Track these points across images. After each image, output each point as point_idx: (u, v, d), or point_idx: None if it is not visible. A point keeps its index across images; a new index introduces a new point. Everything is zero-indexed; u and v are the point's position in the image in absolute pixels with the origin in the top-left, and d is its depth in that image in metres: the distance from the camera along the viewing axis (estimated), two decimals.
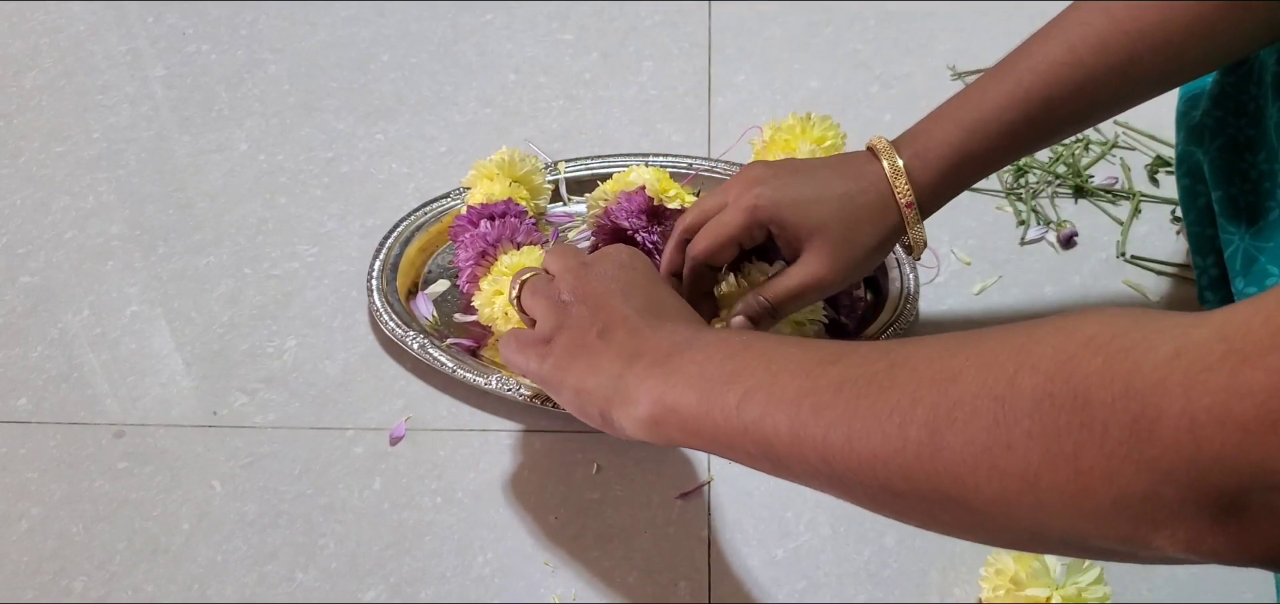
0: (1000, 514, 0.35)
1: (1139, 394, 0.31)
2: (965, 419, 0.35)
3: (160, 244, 0.83)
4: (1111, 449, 0.31)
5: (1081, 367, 0.32)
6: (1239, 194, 0.64)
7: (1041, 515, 0.34)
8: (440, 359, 0.69)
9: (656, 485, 0.66)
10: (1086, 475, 0.32)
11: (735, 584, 0.61)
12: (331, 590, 0.61)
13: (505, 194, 0.75)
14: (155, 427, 0.70)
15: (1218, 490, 0.30)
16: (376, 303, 0.73)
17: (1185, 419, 0.30)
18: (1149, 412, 0.31)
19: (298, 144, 0.92)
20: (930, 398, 0.37)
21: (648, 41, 1.02)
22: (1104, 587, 0.57)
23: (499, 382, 0.68)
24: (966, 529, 0.38)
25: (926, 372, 0.38)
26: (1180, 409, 0.30)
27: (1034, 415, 0.33)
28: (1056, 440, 0.33)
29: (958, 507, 0.36)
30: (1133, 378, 0.31)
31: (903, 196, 0.60)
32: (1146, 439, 0.31)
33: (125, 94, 0.98)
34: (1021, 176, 0.86)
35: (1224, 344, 0.30)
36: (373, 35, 1.04)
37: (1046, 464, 0.33)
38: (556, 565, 0.62)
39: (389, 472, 0.67)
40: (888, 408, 0.38)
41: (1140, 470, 0.31)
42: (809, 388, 0.41)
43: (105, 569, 0.63)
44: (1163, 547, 0.32)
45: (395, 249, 0.77)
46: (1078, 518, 0.33)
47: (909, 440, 0.37)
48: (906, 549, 0.62)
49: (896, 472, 0.37)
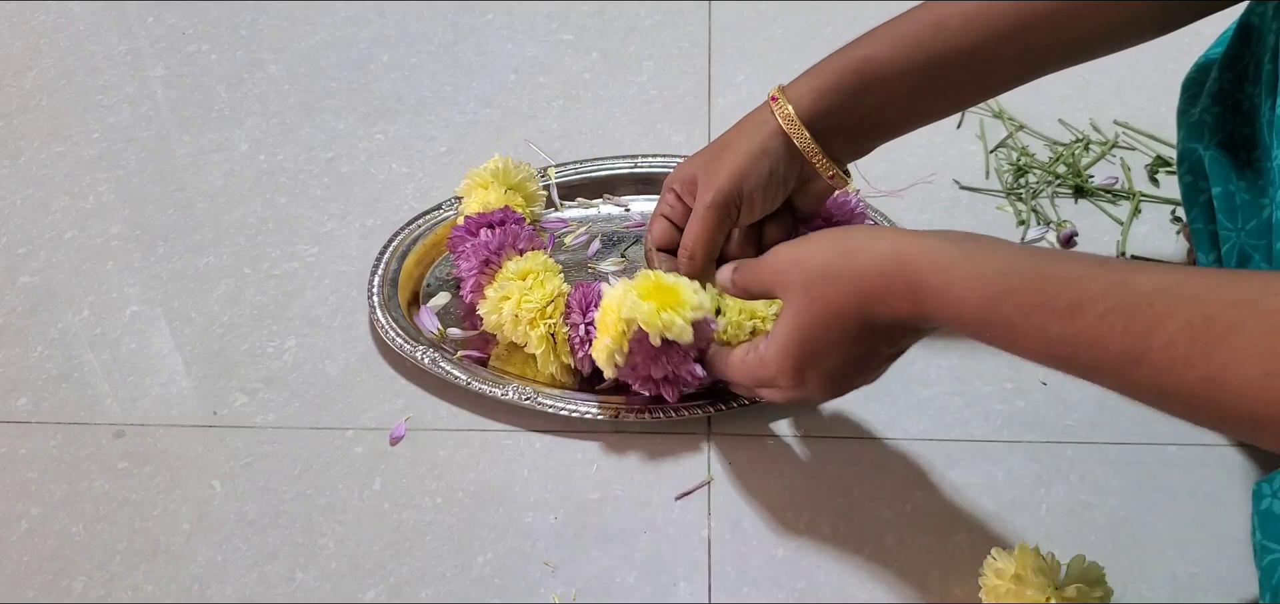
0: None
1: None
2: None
3: (160, 244, 0.83)
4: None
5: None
6: (1236, 191, 0.64)
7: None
8: (453, 372, 0.69)
9: (656, 485, 0.66)
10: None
11: (735, 584, 0.61)
12: (331, 590, 0.61)
13: (501, 202, 0.75)
14: (155, 427, 0.70)
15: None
16: (381, 318, 0.73)
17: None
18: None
19: (298, 144, 0.92)
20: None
21: (648, 41, 1.02)
22: (1104, 586, 0.57)
23: (516, 392, 0.68)
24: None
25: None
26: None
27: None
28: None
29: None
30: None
31: (780, 112, 0.64)
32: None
33: (125, 94, 0.98)
34: (1021, 176, 0.86)
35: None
36: (373, 35, 1.04)
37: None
38: (556, 565, 0.62)
39: (389, 472, 0.67)
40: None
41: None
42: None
43: (105, 569, 0.63)
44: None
45: (393, 263, 0.77)
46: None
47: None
48: (906, 549, 0.62)
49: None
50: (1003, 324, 0.47)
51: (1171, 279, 0.44)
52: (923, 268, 0.50)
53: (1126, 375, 0.44)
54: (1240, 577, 0.60)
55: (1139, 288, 0.44)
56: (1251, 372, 0.40)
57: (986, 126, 0.91)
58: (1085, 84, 0.94)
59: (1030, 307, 0.46)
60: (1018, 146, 0.88)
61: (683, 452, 0.67)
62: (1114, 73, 0.95)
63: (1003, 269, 0.48)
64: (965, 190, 0.85)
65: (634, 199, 0.83)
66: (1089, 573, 0.57)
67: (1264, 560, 0.54)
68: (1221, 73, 0.66)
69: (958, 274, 0.49)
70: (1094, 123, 0.90)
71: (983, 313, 0.48)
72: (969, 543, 0.62)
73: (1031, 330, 0.46)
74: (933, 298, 0.50)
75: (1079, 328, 0.45)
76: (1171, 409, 0.44)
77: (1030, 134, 0.90)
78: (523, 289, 0.68)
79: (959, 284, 0.49)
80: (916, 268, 0.50)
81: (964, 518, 0.64)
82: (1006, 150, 0.88)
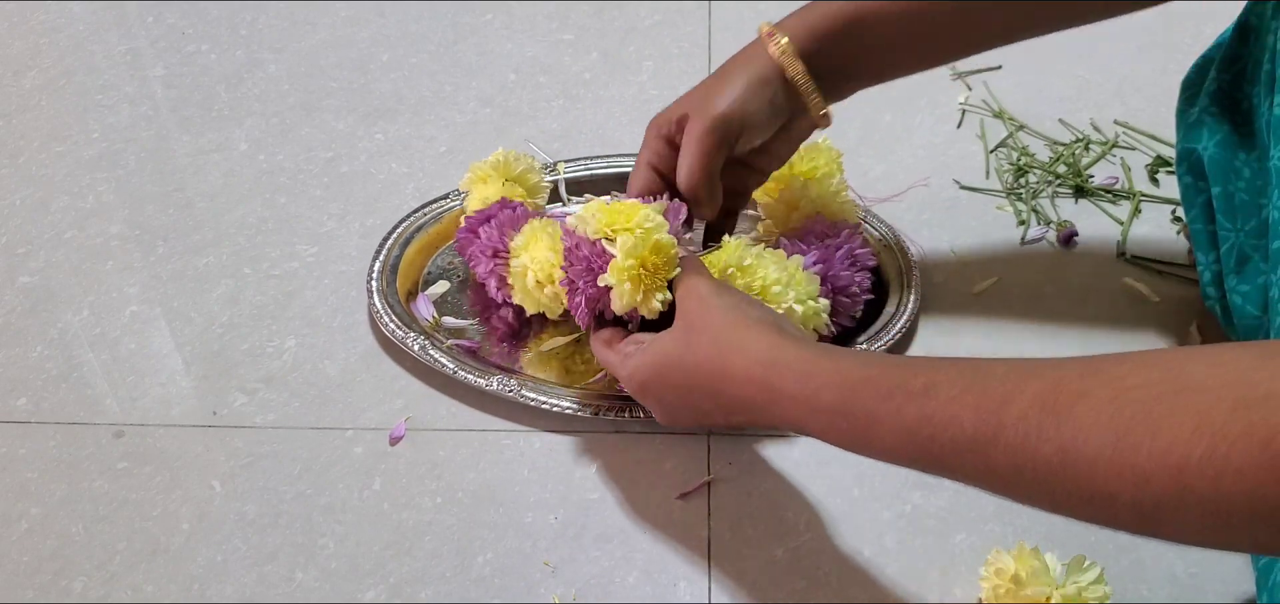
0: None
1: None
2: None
3: (160, 244, 0.83)
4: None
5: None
6: (1235, 191, 0.64)
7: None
8: (441, 360, 0.69)
9: (656, 485, 0.66)
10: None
11: (735, 584, 0.61)
12: (331, 590, 0.61)
13: (499, 195, 0.75)
14: (155, 427, 0.70)
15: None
16: (376, 304, 0.73)
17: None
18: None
19: (298, 144, 0.92)
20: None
21: (648, 41, 1.02)
22: (1104, 586, 0.57)
23: (500, 383, 0.68)
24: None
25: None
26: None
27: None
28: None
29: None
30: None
31: (775, 45, 0.64)
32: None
33: (125, 94, 0.98)
34: (1021, 176, 0.86)
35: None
36: (373, 35, 1.04)
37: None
38: (556, 565, 0.62)
39: (389, 472, 0.67)
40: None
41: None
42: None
43: (105, 569, 0.63)
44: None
45: (395, 250, 0.77)
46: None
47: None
48: (906, 549, 0.62)
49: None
50: (861, 413, 0.48)
51: (1023, 361, 0.44)
52: (786, 374, 0.52)
53: (984, 458, 0.43)
54: (1239, 577, 0.60)
55: (990, 369, 0.44)
56: (1102, 438, 0.39)
57: (986, 126, 0.91)
58: (1085, 84, 0.94)
59: (887, 391, 0.47)
60: (1018, 146, 0.88)
61: (683, 452, 0.67)
62: (1114, 73, 0.95)
63: (863, 362, 0.50)
64: (965, 190, 0.85)
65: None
66: (1088, 573, 0.57)
67: (1261, 561, 0.55)
68: (1220, 73, 0.66)
69: (816, 368, 0.50)
70: (1094, 123, 0.90)
71: (839, 403, 0.49)
72: (969, 543, 0.62)
73: (888, 415, 0.46)
74: (786, 399, 0.51)
75: (933, 408, 0.45)
76: (1033, 495, 0.43)
77: (1030, 134, 0.90)
78: (531, 256, 0.68)
79: (818, 378, 0.50)
80: (779, 373, 0.52)
81: (964, 518, 0.64)
82: (1006, 150, 0.88)
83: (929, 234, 0.78)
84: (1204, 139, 0.66)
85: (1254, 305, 0.62)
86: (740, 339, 0.54)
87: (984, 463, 0.43)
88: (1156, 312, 0.75)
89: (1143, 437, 0.38)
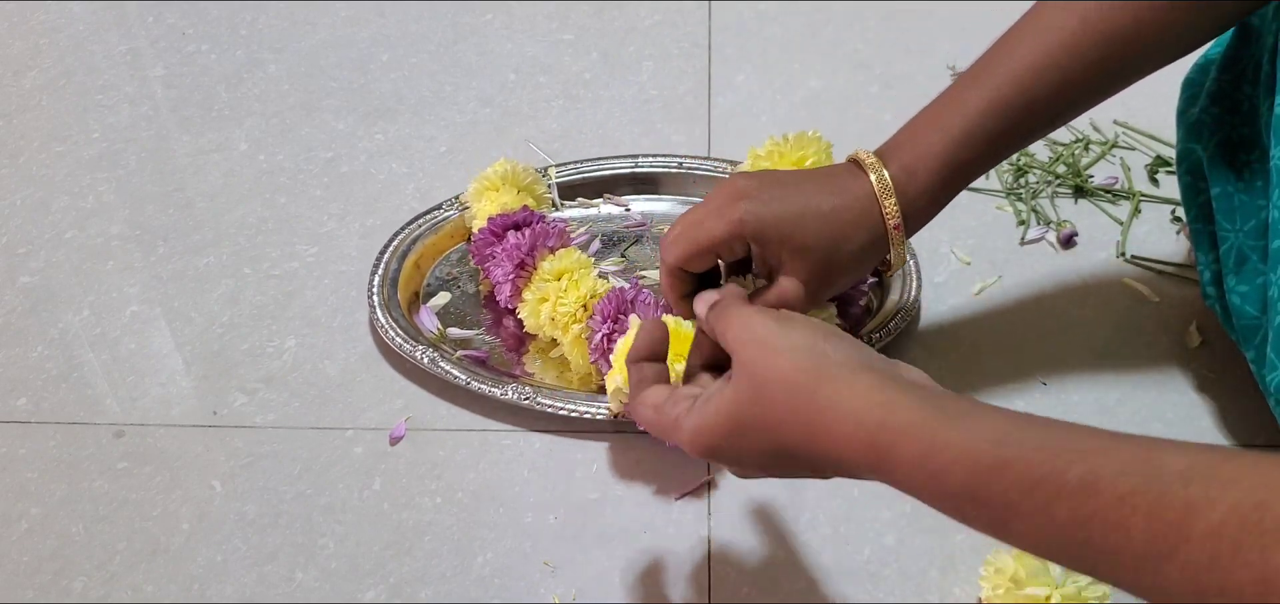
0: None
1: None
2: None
3: (160, 244, 0.83)
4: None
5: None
6: (1235, 191, 0.64)
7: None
8: (453, 372, 0.69)
9: (656, 485, 0.66)
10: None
11: (735, 584, 0.61)
12: (331, 590, 0.61)
13: (518, 203, 0.75)
14: (155, 426, 0.70)
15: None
16: (381, 318, 0.73)
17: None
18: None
19: (298, 144, 0.92)
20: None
21: (648, 41, 1.02)
22: (1103, 586, 0.57)
23: (515, 392, 0.68)
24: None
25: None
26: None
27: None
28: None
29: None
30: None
31: (891, 218, 0.58)
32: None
33: (125, 94, 0.98)
34: (1021, 177, 0.86)
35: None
36: (373, 35, 1.04)
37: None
38: (556, 565, 0.62)
39: (388, 472, 0.67)
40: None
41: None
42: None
43: (105, 569, 0.63)
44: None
45: (393, 262, 0.77)
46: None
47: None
48: (906, 549, 0.62)
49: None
50: (997, 502, 0.40)
51: (1206, 459, 0.36)
52: (901, 441, 0.43)
53: (1155, 573, 0.36)
54: None
55: (1164, 461, 0.37)
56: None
57: None
58: None
59: (1032, 482, 0.39)
60: None
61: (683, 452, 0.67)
62: None
63: (997, 438, 0.40)
64: (965, 190, 0.85)
65: (634, 199, 0.83)
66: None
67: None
68: (1220, 73, 0.66)
69: (942, 441, 0.41)
70: (1094, 123, 0.90)
71: (970, 487, 0.40)
72: (969, 543, 0.62)
73: (1032, 510, 0.39)
74: (903, 469, 0.43)
75: (1094, 510, 0.37)
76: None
77: None
78: (558, 290, 0.68)
79: (942, 453, 0.41)
80: (892, 437, 0.43)
81: None
82: None
83: (929, 234, 0.78)
84: (1204, 139, 0.66)
85: (1253, 305, 0.62)
86: (830, 394, 0.45)
87: (1154, 578, 0.37)
88: (1156, 311, 0.75)
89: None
